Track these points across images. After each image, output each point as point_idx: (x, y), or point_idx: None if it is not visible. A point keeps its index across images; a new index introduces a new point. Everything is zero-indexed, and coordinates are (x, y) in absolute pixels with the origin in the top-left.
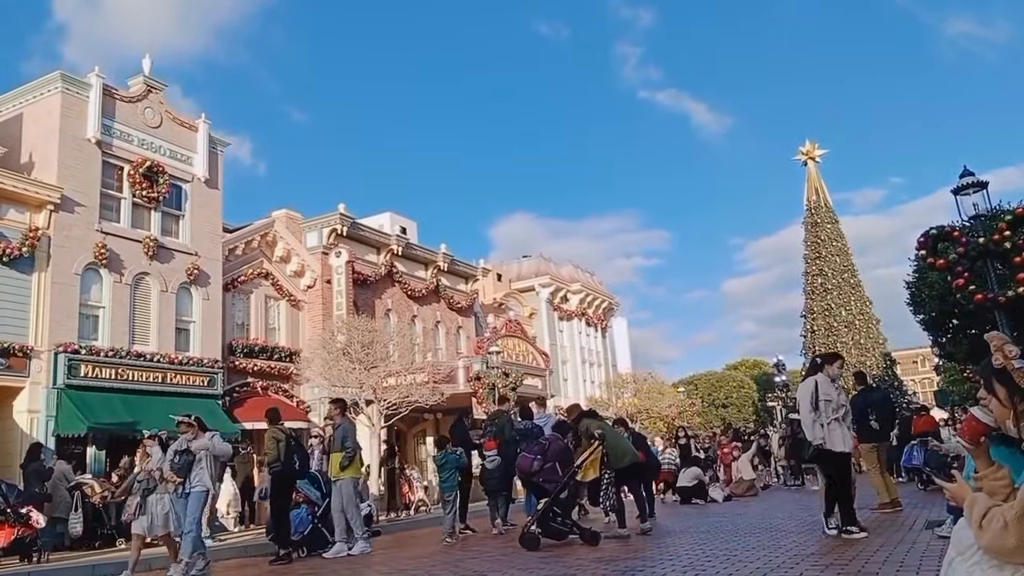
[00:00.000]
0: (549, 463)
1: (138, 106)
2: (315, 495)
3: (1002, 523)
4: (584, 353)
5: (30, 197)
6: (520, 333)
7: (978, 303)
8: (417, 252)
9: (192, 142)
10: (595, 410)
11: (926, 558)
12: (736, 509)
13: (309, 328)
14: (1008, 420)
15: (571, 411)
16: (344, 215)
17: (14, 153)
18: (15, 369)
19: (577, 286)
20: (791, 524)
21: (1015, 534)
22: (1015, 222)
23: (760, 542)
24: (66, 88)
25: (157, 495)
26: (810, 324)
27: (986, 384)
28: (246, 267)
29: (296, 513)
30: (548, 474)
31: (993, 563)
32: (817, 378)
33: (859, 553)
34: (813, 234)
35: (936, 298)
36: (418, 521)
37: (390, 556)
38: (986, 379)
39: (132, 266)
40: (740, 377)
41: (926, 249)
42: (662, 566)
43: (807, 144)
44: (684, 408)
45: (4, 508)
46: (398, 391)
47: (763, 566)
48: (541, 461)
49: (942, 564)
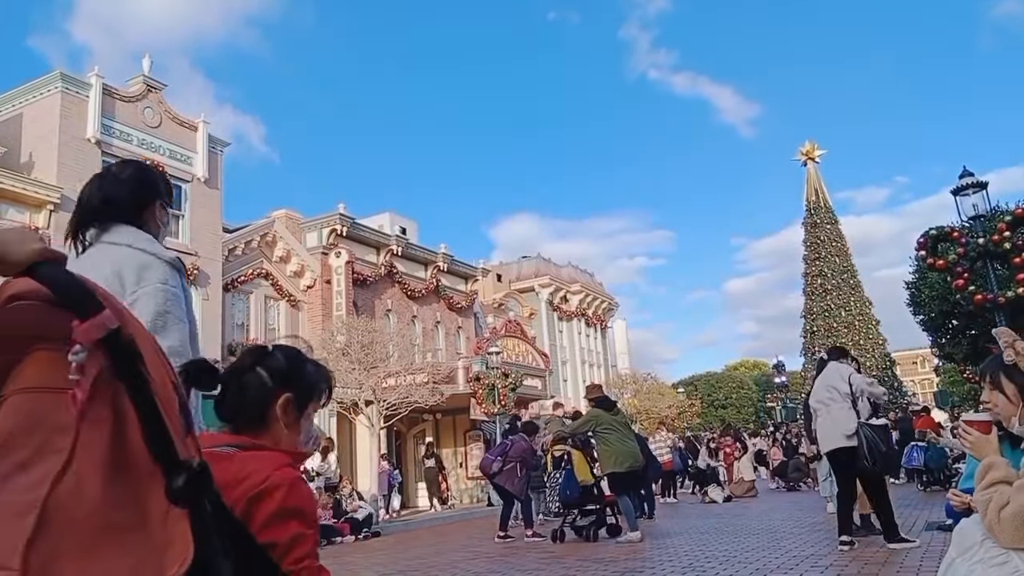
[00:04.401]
0: (510, 464)
1: (138, 106)
2: None
3: (996, 513)
4: (584, 354)
5: (30, 197)
6: (520, 333)
7: (978, 304)
8: (417, 252)
9: (192, 142)
10: (611, 400)
11: (926, 559)
12: (736, 510)
13: (309, 328)
14: (1014, 417)
15: (590, 390)
16: (344, 215)
17: (14, 153)
18: None
19: (577, 287)
20: (791, 525)
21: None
22: (1015, 222)
23: (760, 543)
24: (66, 88)
25: None
26: (810, 325)
27: (992, 380)
28: (246, 267)
29: None
30: (508, 476)
31: (994, 563)
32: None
33: (859, 554)
34: (813, 235)
35: (936, 299)
36: (451, 517)
37: (391, 557)
38: (993, 375)
39: None
40: (740, 378)
41: (925, 250)
42: (662, 567)
43: (807, 144)
44: (684, 409)
45: None
46: (398, 392)
47: (763, 567)
48: (501, 462)
49: (942, 564)
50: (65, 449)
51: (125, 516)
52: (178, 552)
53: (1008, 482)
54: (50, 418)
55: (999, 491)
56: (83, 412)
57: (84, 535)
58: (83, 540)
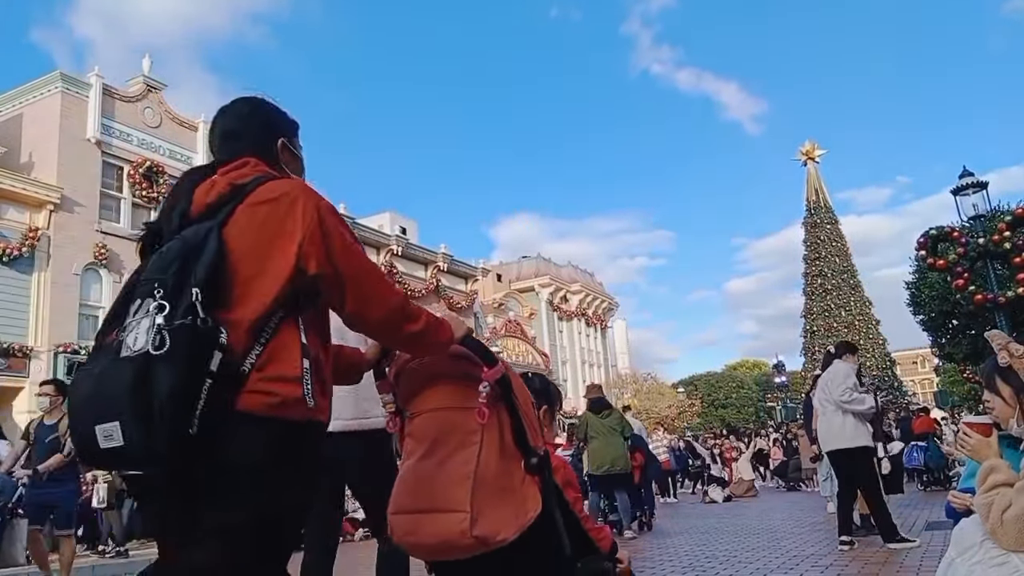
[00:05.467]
0: None
1: (138, 106)
2: None
3: (999, 515)
4: (583, 353)
5: (30, 197)
6: (520, 333)
7: (978, 304)
8: (417, 252)
9: (192, 142)
10: (604, 402)
11: (926, 559)
12: (736, 510)
13: None
14: (1012, 419)
15: (589, 390)
16: (344, 215)
17: (14, 153)
18: (15, 369)
19: (577, 286)
20: (791, 525)
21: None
22: (1015, 222)
23: (760, 543)
24: (66, 88)
25: None
26: (810, 325)
27: (988, 383)
28: None
29: None
30: None
31: (993, 563)
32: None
33: (859, 554)
34: (813, 235)
35: (936, 299)
36: None
37: None
38: (988, 378)
39: (132, 266)
40: (740, 377)
41: (925, 250)
42: (662, 567)
43: (807, 144)
44: (684, 409)
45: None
46: None
47: (763, 567)
48: None
49: (941, 564)
50: (477, 443)
51: (506, 482)
52: (532, 504)
53: (1009, 484)
54: (462, 425)
55: (1001, 493)
56: (486, 422)
57: (491, 493)
58: (491, 496)
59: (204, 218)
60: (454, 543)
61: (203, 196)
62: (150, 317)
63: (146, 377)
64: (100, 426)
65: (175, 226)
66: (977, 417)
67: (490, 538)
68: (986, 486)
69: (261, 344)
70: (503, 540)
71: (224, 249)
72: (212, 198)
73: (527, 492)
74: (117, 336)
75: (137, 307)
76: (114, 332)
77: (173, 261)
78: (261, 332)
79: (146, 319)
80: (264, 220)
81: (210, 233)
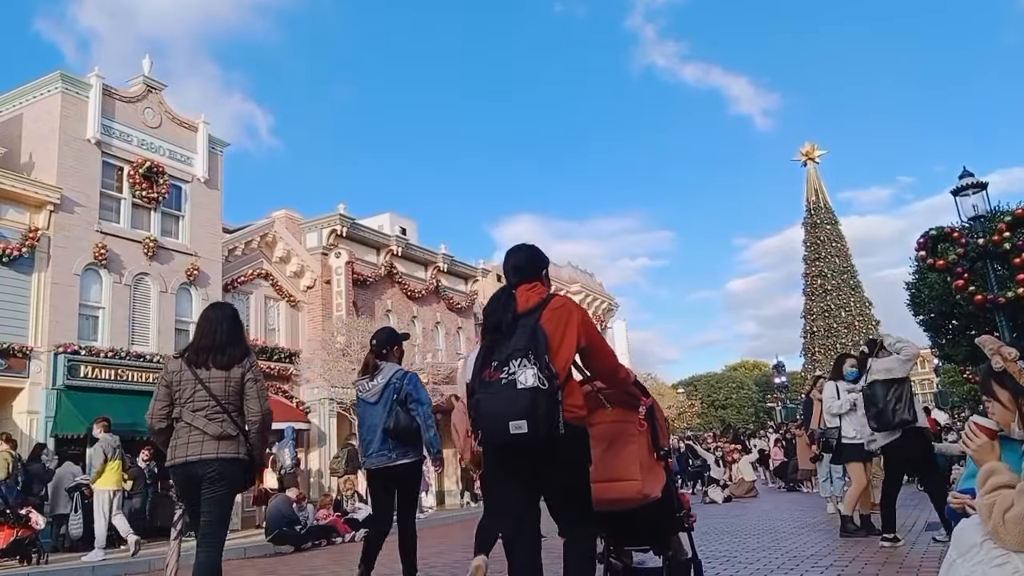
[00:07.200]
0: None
1: (138, 106)
2: None
3: (1000, 515)
4: None
5: (30, 197)
6: None
7: (978, 304)
8: (417, 253)
9: (192, 142)
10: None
11: (926, 559)
12: (736, 510)
13: (309, 329)
14: (1012, 423)
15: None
16: (344, 216)
17: (14, 153)
18: (15, 370)
19: (577, 287)
20: (791, 525)
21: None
22: (1015, 223)
23: (760, 543)
24: (66, 88)
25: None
26: (810, 325)
27: (986, 389)
28: (246, 268)
29: None
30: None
31: (994, 563)
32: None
33: (859, 554)
34: (813, 235)
35: (936, 299)
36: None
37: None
38: (986, 384)
39: (132, 266)
40: (740, 378)
41: (925, 250)
42: None
43: (807, 145)
44: (684, 409)
45: (3, 509)
46: None
47: (763, 567)
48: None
49: (942, 565)
50: (636, 441)
51: (652, 463)
52: (663, 477)
53: (1011, 486)
54: (627, 431)
55: (1002, 495)
56: (642, 429)
57: (648, 470)
58: (648, 471)
59: (527, 315)
60: (631, 498)
61: (524, 302)
62: (532, 368)
63: (536, 399)
64: (512, 422)
65: (510, 318)
66: (986, 420)
67: (650, 495)
68: (987, 487)
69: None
70: (655, 496)
71: (545, 333)
72: (531, 304)
73: (659, 472)
74: (498, 375)
75: (518, 363)
76: (486, 372)
77: (529, 340)
78: (565, 377)
79: (530, 368)
80: (559, 318)
81: (537, 324)
